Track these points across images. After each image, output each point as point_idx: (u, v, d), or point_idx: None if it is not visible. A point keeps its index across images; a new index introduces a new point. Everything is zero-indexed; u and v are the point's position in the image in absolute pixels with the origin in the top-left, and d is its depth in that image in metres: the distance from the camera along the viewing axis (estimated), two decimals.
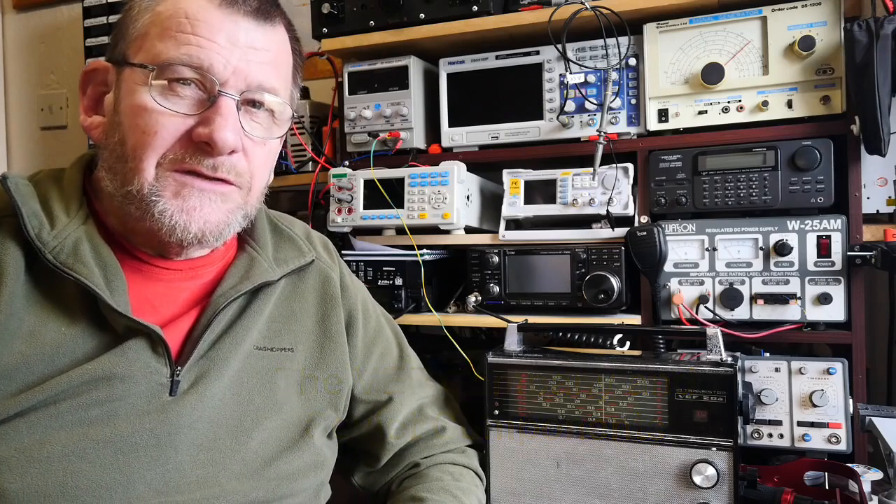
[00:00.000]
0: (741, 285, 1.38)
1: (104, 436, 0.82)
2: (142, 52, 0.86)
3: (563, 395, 1.17)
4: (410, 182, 1.60)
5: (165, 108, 0.85)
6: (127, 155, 0.86)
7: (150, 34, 0.86)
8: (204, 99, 0.86)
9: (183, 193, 0.87)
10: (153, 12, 0.87)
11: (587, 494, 1.15)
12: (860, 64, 1.23)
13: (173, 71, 0.85)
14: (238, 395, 0.94)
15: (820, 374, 1.27)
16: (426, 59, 1.72)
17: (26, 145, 2.64)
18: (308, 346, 1.05)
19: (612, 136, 1.49)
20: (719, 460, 1.06)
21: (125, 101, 0.87)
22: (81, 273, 0.84)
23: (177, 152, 0.86)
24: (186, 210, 0.87)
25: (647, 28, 1.48)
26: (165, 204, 0.86)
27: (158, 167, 0.86)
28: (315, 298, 1.09)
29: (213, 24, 0.86)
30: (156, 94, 0.85)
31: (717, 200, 1.40)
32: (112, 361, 0.84)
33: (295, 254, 1.07)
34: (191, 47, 0.85)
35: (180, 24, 0.85)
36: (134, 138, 0.85)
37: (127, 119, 0.86)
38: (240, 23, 0.88)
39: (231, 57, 0.86)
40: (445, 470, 1.11)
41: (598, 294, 1.44)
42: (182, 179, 0.87)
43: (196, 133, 0.86)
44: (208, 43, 0.85)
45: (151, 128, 0.85)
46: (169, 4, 0.87)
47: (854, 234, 1.33)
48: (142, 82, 0.85)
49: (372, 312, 1.19)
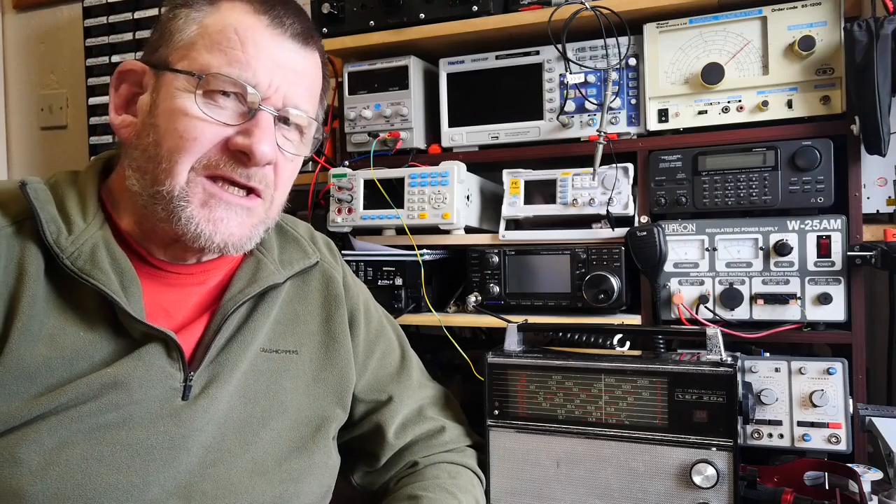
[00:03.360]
0: (741, 285, 1.38)
1: (121, 439, 0.84)
2: (187, 60, 0.88)
3: (562, 395, 1.17)
4: (410, 182, 1.60)
5: (207, 116, 0.87)
6: (161, 156, 0.87)
7: (197, 45, 0.88)
8: (244, 112, 0.89)
9: (210, 204, 0.89)
10: (201, 24, 0.89)
11: (587, 494, 1.15)
12: (860, 64, 1.23)
13: (220, 83, 0.87)
14: (244, 397, 0.95)
15: (820, 374, 1.27)
16: (426, 59, 1.72)
17: (26, 145, 2.64)
18: (312, 348, 1.06)
19: (612, 136, 1.49)
20: (719, 460, 1.06)
21: (165, 104, 0.88)
22: (99, 279, 0.85)
23: (212, 158, 0.88)
24: (213, 221, 0.89)
25: (647, 28, 1.48)
26: (192, 211, 0.88)
27: (192, 171, 0.88)
28: (319, 300, 1.09)
29: (261, 43, 0.89)
30: (199, 102, 0.87)
31: (717, 200, 1.40)
32: (129, 366, 0.86)
33: (300, 255, 1.08)
34: (240, 63, 0.88)
35: (230, 39, 0.88)
36: (171, 141, 0.87)
37: (165, 122, 0.88)
38: (284, 44, 0.92)
39: (274, 76, 0.90)
40: (442, 468, 1.11)
41: (598, 294, 1.44)
42: (211, 189, 0.89)
43: (234, 142, 0.88)
44: (255, 61, 0.89)
45: (191, 133, 0.87)
46: (217, 18, 0.89)
47: (854, 234, 1.33)
48: (185, 89, 0.87)
49: (374, 313, 1.20)
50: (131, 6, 2.28)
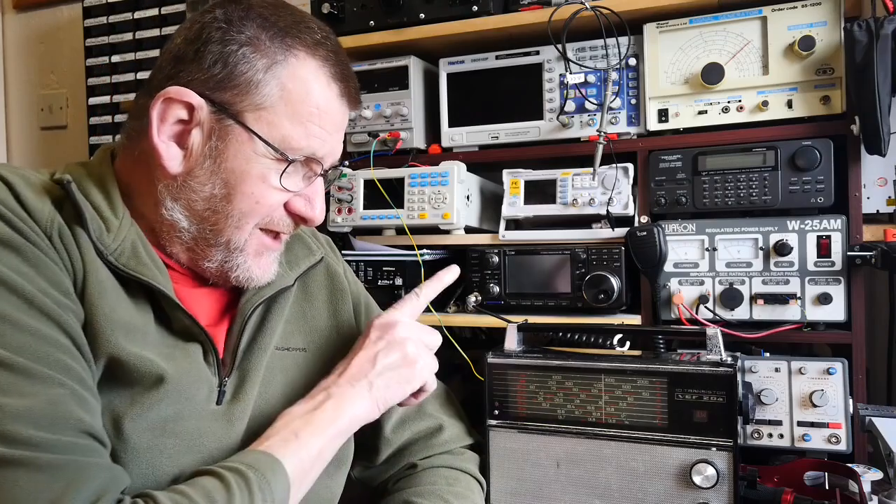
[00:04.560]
0: (741, 285, 1.38)
1: (177, 432, 0.85)
2: (265, 124, 0.86)
3: (562, 395, 1.17)
4: (410, 182, 1.60)
5: (284, 189, 0.90)
6: (231, 214, 0.88)
7: (277, 110, 0.86)
8: (308, 175, 0.93)
9: (262, 254, 0.94)
10: (280, 85, 0.86)
11: (587, 495, 1.15)
12: (860, 64, 1.23)
13: (302, 163, 0.90)
14: (264, 394, 0.96)
15: (820, 374, 1.27)
16: (426, 59, 1.72)
17: (26, 145, 2.64)
18: (321, 344, 1.07)
19: (612, 136, 1.49)
20: (719, 460, 1.06)
21: (238, 164, 0.87)
22: (146, 274, 0.85)
23: (273, 218, 0.92)
24: (261, 267, 0.94)
25: (647, 28, 1.48)
26: (247, 261, 0.92)
27: (255, 227, 0.91)
28: (325, 295, 1.10)
29: (334, 116, 0.92)
30: (280, 176, 0.88)
31: (717, 200, 1.40)
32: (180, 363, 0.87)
33: (305, 253, 1.08)
34: (317, 140, 0.90)
35: (311, 114, 0.89)
36: (245, 205, 0.88)
37: (237, 182, 0.87)
38: (346, 112, 0.95)
39: (336, 144, 0.95)
40: (440, 474, 1.10)
41: (598, 294, 1.44)
42: (264, 241, 0.94)
43: (295, 207, 0.93)
44: (329, 137, 0.92)
45: (266, 200, 0.89)
46: (298, 82, 0.87)
47: (854, 234, 1.33)
48: (265, 155, 0.87)
49: (374, 308, 1.21)
50: (131, 6, 2.28)
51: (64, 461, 0.70)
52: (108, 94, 2.33)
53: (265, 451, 0.83)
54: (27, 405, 0.70)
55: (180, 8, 2.19)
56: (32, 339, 0.73)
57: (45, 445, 0.69)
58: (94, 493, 0.70)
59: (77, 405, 0.74)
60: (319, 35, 0.91)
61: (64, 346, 0.76)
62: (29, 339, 0.73)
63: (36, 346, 0.73)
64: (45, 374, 0.72)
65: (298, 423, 0.88)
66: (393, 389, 0.98)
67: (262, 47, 0.86)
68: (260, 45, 0.86)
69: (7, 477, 0.67)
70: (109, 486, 0.72)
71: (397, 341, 1.00)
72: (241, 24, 0.86)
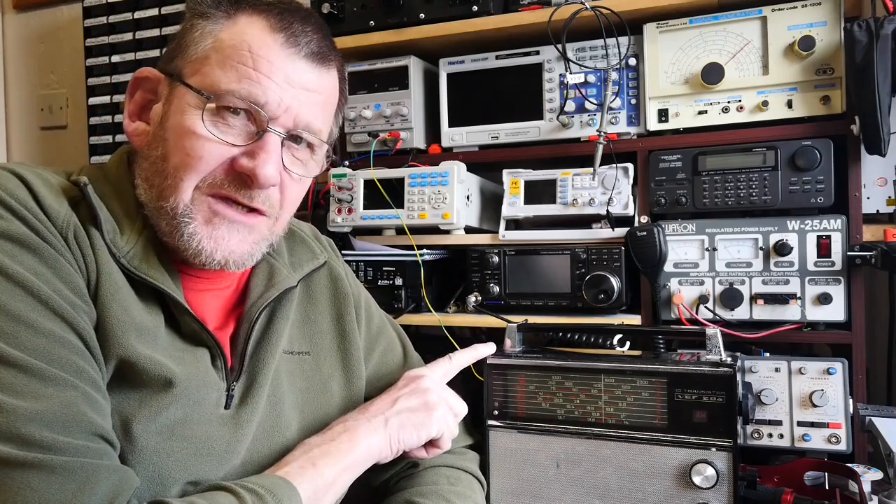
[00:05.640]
0: (741, 285, 1.38)
1: (185, 436, 0.84)
2: (199, 75, 0.87)
3: (562, 396, 1.17)
4: (410, 182, 1.60)
5: (214, 136, 0.86)
6: (167, 172, 0.87)
7: (210, 59, 0.87)
8: (252, 132, 0.88)
9: (214, 222, 0.88)
10: (215, 38, 0.87)
11: (587, 495, 1.15)
12: (860, 64, 1.23)
13: (228, 101, 0.86)
14: (272, 398, 0.96)
15: (820, 374, 1.27)
16: (426, 59, 1.72)
17: (26, 145, 2.64)
18: (324, 347, 1.07)
19: (612, 136, 1.49)
20: (719, 460, 1.06)
21: (174, 118, 0.87)
22: (157, 279, 0.85)
23: (216, 178, 0.87)
24: (214, 238, 0.88)
25: (647, 28, 1.48)
26: (195, 228, 0.87)
27: (196, 190, 0.87)
28: (328, 299, 1.10)
29: (274, 62, 0.87)
30: (207, 121, 0.86)
31: (717, 200, 1.40)
32: (190, 367, 0.86)
33: (308, 256, 1.08)
34: (250, 82, 0.86)
35: (242, 56, 0.86)
36: (177, 158, 0.86)
37: (173, 137, 0.87)
38: (298, 63, 0.89)
39: (285, 95, 0.88)
40: (442, 473, 1.10)
41: (598, 294, 1.44)
42: (215, 207, 0.88)
43: (239, 164, 0.87)
44: (267, 80, 0.87)
45: (197, 152, 0.86)
46: (233, 33, 0.87)
47: (854, 234, 1.33)
48: (195, 105, 0.86)
49: (375, 310, 1.21)
50: (131, 6, 2.28)
51: (76, 464, 0.70)
52: (108, 94, 2.33)
53: (283, 476, 0.84)
54: (40, 408, 0.70)
55: (180, 8, 2.19)
56: (47, 341, 0.74)
57: (57, 448, 0.70)
58: (107, 495, 0.71)
59: (89, 407, 0.74)
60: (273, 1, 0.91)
61: (77, 348, 0.76)
62: (44, 341, 0.73)
63: (50, 348, 0.74)
64: (58, 376, 0.73)
65: (316, 453, 0.90)
66: (407, 430, 0.99)
67: (209, 14, 0.89)
68: (207, 13, 0.89)
69: (20, 479, 0.68)
70: (121, 489, 0.73)
71: (421, 389, 1.04)
72: (199, 3, 0.90)
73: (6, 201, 0.77)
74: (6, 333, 0.72)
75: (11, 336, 0.72)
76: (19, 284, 0.74)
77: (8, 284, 0.73)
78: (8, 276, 0.74)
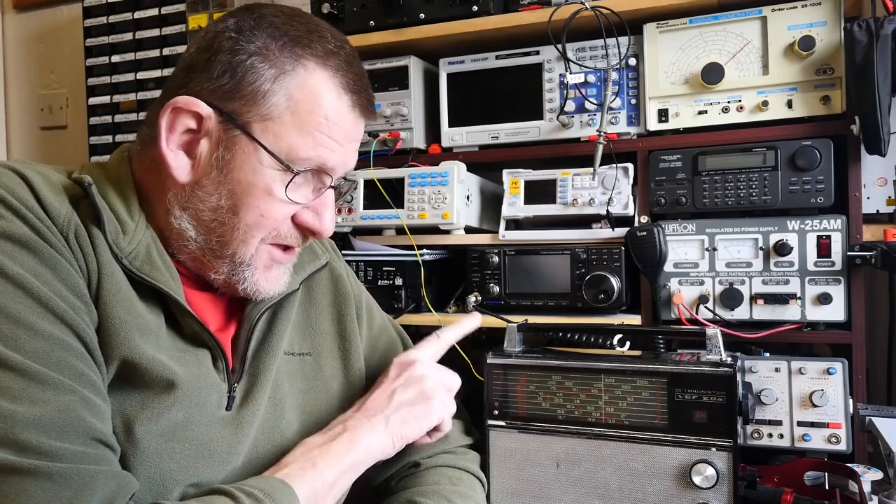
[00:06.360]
0: (741, 285, 1.38)
1: (187, 437, 0.84)
2: (271, 134, 0.85)
3: (562, 396, 1.17)
4: (410, 182, 1.60)
5: (291, 201, 0.87)
6: (237, 225, 0.87)
7: (284, 121, 0.85)
8: (316, 188, 0.91)
9: (272, 267, 0.93)
10: (288, 95, 0.84)
11: (587, 495, 1.15)
12: (860, 64, 1.23)
13: (303, 167, 0.87)
14: (273, 399, 0.96)
15: (820, 374, 1.27)
16: (426, 59, 1.72)
17: (26, 145, 2.64)
18: (326, 348, 1.07)
19: (612, 136, 1.49)
20: (719, 460, 1.06)
21: (244, 175, 0.85)
22: (158, 279, 0.84)
23: (280, 231, 0.90)
24: (269, 280, 0.93)
25: (647, 28, 1.48)
26: (256, 274, 0.91)
27: (262, 241, 0.90)
28: (329, 299, 1.10)
29: (345, 127, 0.89)
30: (288, 189, 0.86)
31: (717, 200, 1.40)
32: (192, 368, 0.86)
33: (310, 257, 1.08)
34: (325, 150, 0.87)
35: (319, 124, 0.86)
36: (251, 217, 0.86)
37: (243, 193, 0.86)
38: (358, 122, 0.92)
39: (347, 156, 0.92)
40: (443, 473, 1.10)
41: (598, 294, 1.44)
42: (273, 254, 0.92)
43: (303, 220, 0.91)
44: (339, 147, 0.89)
45: (272, 213, 0.87)
46: (306, 93, 0.85)
47: (854, 234, 1.33)
48: (271, 167, 0.85)
49: (376, 310, 1.21)
50: (131, 6, 2.28)
51: (73, 470, 0.70)
52: (108, 94, 2.33)
53: (282, 479, 0.84)
54: (38, 413, 0.70)
55: (180, 8, 2.19)
56: (46, 344, 0.73)
57: (54, 454, 0.69)
58: (102, 501, 0.71)
59: (87, 412, 0.74)
60: (332, 45, 0.89)
61: (76, 351, 0.76)
62: (42, 344, 0.73)
63: (49, 350, 0.73)
64: (57, 380, 0.72)
65: (316, 453, 0.90)
66: (409, 425, 1.00)
67: (272, 57, 0.84)
68: (269, 55, 0.84)
69: (16, 485, 0.67)
70: (118, 494, 0.73)
71: (415, 378, 1.03)
72: (252, 34, 0.85)
73: (7, 200, 0.76)
74: (5, 336, 0.71)
75: (10, 339, 0.72)
76: (19, 286, 0.73)
77: (7, 286, 0.73)
78: (8, 277, 0.73)
